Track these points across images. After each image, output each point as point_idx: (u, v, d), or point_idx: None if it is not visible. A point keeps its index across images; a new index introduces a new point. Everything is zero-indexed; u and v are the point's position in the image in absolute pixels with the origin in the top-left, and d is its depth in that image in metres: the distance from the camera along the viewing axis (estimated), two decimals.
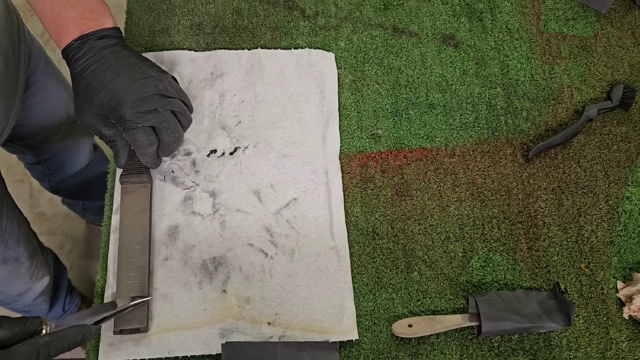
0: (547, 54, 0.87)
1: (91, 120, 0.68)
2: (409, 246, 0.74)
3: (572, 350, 0.69)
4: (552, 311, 0.68)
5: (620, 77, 0.86)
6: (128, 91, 0.66)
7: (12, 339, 0.54)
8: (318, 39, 0.86)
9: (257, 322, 0.68)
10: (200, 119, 0.79)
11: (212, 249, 0.71)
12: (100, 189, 0.76)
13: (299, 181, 0.76)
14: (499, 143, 0.81)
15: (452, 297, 0.72)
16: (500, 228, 0.76)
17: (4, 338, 0.54)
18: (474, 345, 0.69)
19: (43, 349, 0.54)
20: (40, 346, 0.54)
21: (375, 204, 0.76)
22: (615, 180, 0.79)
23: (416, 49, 0.86)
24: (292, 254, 0.72)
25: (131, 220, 0.71)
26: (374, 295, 0.71)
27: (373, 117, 0.81)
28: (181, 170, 0.76)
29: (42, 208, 1.66)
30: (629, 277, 0.74)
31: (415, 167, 0.79)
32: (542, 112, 0.83)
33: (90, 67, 0.68)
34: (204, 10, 0.87)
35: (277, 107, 0.80)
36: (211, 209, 0.73)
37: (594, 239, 0.76)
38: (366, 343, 0.69)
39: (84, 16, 0.69)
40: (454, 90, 0.84)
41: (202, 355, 0.66)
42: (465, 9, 0.89)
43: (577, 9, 0.91)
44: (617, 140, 0.82)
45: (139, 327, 0.65)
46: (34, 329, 0.56)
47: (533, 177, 0.79)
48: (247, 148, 0.77)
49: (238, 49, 0.84)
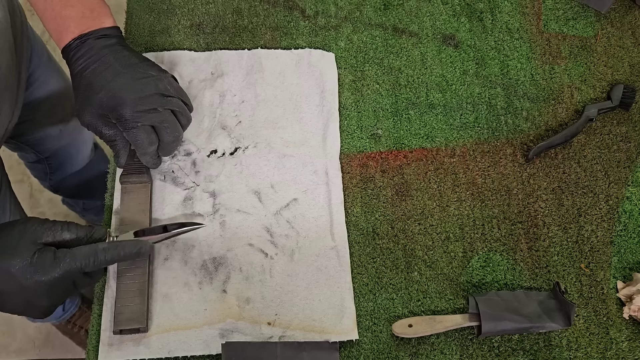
0: (547, 54, 0.87)
1: (91, 119, 0.68)
2: (409, 246, 0.74)
3: (572, 350, 0.69)
4: (552, 311, 0.68)
5: (620, 77, 0.86)
6: (128, 90, 0.66)
7: (76, 242, 0.61)
8: (318, 39, 0.86)
9: (257, 322, 0.68)
10: (200, 119, 0.79)
11: (212, 249, 0.71)
12: (101, 188, 0.76)
13: (299, 181, 0.76)
14: (499, 143, 0.81)
15: (452, 297, 0.72)
16: (500, 228, 0.76)
17: (69, 239, 0.60)
18: (474, 345, 0.69)
19: (101, 253, 0.60)
20: (99, 250, 0.60)
21: (375, 204, 0.76)
22: (615, 180, 0.79)
23: (416, 49, 0.86)
24: (292, 254, 0.72)
25: (131, 220, 0.71)
26: (374, 295, 0.71)
27: (373, 117, 0.81)
28: (181, 171, 0.76)
29: (42, 208, 1.66)
30: (629, 277, 0.74)
31: (415, 167, 0.79)
32: (542, 112, 0.83)
33: (90, 66, 0.68)
34: (204, 10, 0.87)
35: (278, 107, 0.80)
36: (211, 209, 0.73)
37: (594, 239, 0.76)
38: (366, 343, 0.69)
39: (84, 15, 0.69)
40: (454, 90, 0.84)
41: (202, 356, 0.66)
42: (465, 9, 0.89)
43: (577, 9, 0.91)
44: (617, 140, 0.82)
45: (139, 327, 0.65)
46: (98, 236, 0.63)
47: (533, 177, 0.79)
48: (247, 148, 0.77)
49: (238, 49, 0.84)
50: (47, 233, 0.59)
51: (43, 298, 0.59)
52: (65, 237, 0.60)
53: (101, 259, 0.60)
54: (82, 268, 0.59)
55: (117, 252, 0.61)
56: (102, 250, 0.60)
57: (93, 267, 0.60)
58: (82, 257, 0.59)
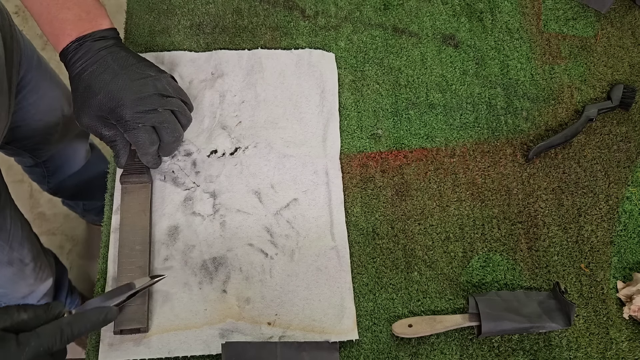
0: (547, 54, 0.87)
1: (90, 121, 0.68)
2: (409, 246, 0.74)
3: (572, 350, 0.69)
4: (552, 311, 0.68)
5: (620, 77, 0.86)
6: (127, 91, 0.66)
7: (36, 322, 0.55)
8: (318, 39, 0.86)
9: (257, 322, 0.68)
10: (200, 120, 0.79)
11: (212, 249, 0.71)
12: (100, 189, 0.76)
13: (299, 181, 0.76)
14: (499, 143, 0.81)
15: (452, 297, 0.72)
16: (500, 228, 0.76)
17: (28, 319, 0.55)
18: (474, 345, 0.69)
19: (67, 328, 0.55)
20: (64, 325, 0.55)
21: (375, 204, 0.76)
22: (615, 180, 0.79)
23: (416, 49, 0.86)
24: (292, 254, 0.72)
25: (131, 220, 0.71)
26: (374, 295, 0.71)
27: (373, 117, 0.81)
28: (182, 171, 0.76)
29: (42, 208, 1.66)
30: (629, 277, 0.74)
31: (415, 167, 0.79)
32: (542, 112, 0.83)
33: (88, 68, 0.67)
34: (204, 10, 0.87)
35: (278, 108, 0.80)
36: (211, 210, 0.73)
37: (594, 239, 0.76)
38: (366, 343, 0.69)
39: (80, 18, 0.69)
40: (454, 90, 0.84)
41: (202, 356, 0.67)
42: (465, 9, 0.89)
43: (577, 9, 0.91)
44: (617, 140, 0.82)
45: (139, 327, 0.66)
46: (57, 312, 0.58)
47: (533, 177, 0.79)
48: (247, 148, 0.77)
49: (238, 49, 0.84)
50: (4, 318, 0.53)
51: None
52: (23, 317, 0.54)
53: (68, 334, 0.55)
54: (49, 348, 0.54)
55: (84, 324, 0.57)
56: (67, 324, 0.56)
57: (60, 346, 0.55)
58: (47, 336, 0.54)
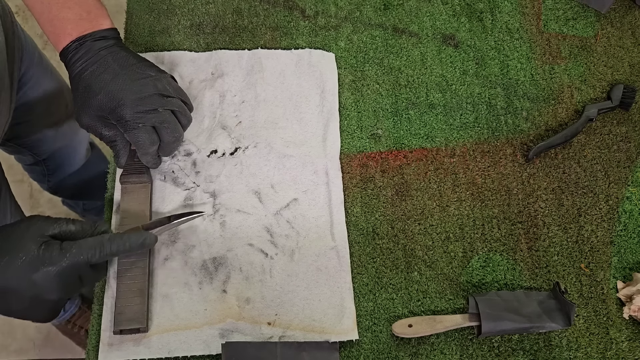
0: (547, 54, 0.87)
1: (90, 121, 0.68)
2: (409, 246, 0.74)
3: (572, 350, 0.69)
4: (552, 311, 0.68)
5: (620, 77, 0.86)
6: (127, 91, 0.66)
7: (81, 234, 0.62)
8: (318, 39, 0.86)
9: (257, 322, 0.68)
10: (200, 120, 0.79)
11: (212, 249, 0.71)
12: (100, 188, 0.76)
13: (299, 181, 0.76)
14: (499, 143, 0.81)
15: (452, 297, 0.72)
16: (500, 228, 0.76)
17: (74, 231, 0.61)
18: (474, 345, 0.69)
19: (107, 244, 0.61)
20: (105, 241, 0.61)
21: (375, 204, 0.76)
22: (615, 180, 0.79)
23: (416, 49, 0.86)
24: (292, 254, 0.72)
25: (131, 220, 0.71)
26: (374, 295, 0.71)
27: (373, 117, 0.81)
28: (182, 171, 0.76)
29: (42, 208, 1.66)
30: (629, 277, 0.74)
31: (415, 167, 0.79)
32: (542, 112, 0.83)
33: (88, 68, 0.67)
34: (204, 10, 0.87)
35: (278, 108, 0.80)
36: (211, 210, 0.73)
37: (594, 239, 0.76)
38: (366, 343, 0.69)
39: (81, 17, 0.69)
40: (454, 90, 0.84)
41: (202, 356, 0.67)
42: (465, 9, 0.89)
43: (577, 9, 0.91)
44: (617, 140, 0.82)
45: (139, 327, 0.66)
46: (102, 229, 0.64)
47: (533, 177, 0.79)
48: (247, 148, 0.77)
49: (238, 49, 0.84)
50: (53, 226, 0.60)
51: (51, 291, 0.58)
52: (71, 229, 0.61)
53: (107, 249, 0.60)
54: (88, 259, 0.59)
55: (123, 243, 0.62)
56: (108, 240, 0.61)
57: (99, 259, 0.60)
58: (88, 247, 0.59)
